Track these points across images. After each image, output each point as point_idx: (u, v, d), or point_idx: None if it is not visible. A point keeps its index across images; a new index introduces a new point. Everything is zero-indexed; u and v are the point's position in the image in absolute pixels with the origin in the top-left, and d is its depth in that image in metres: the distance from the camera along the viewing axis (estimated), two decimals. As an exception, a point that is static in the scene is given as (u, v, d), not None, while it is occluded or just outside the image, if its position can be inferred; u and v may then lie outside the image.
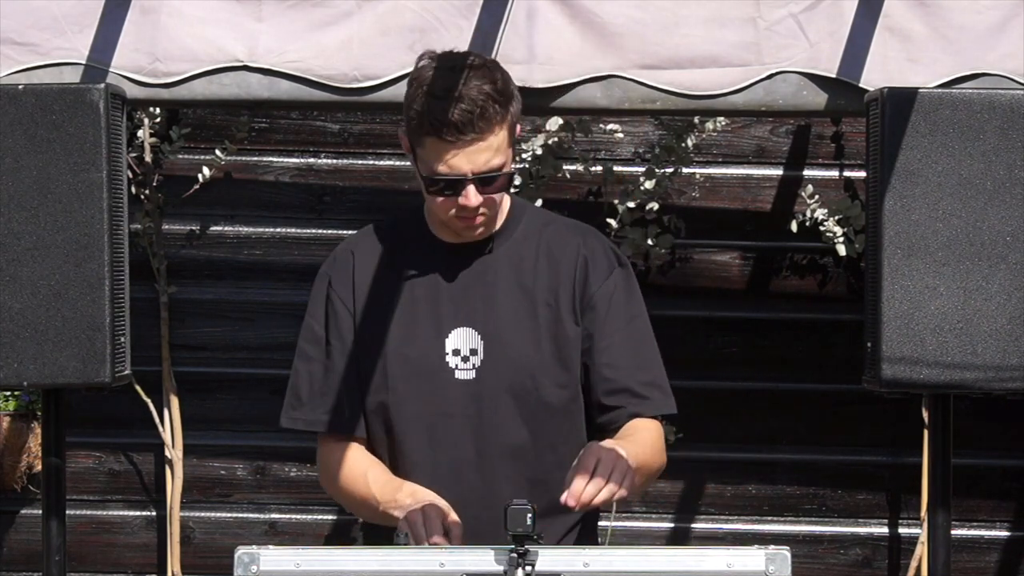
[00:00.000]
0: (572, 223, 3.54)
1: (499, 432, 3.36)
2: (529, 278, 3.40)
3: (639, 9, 4.19)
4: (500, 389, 3.36)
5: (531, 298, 3.39)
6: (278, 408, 5.43)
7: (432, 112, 3.24)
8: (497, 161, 3.29)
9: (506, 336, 3.37)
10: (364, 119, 5.44)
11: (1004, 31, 4.16)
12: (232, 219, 5.46)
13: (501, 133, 3.28)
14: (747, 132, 5.43)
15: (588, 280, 3.41)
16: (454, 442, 3.36)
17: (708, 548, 3.04)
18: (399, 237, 3.48)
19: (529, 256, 3.42)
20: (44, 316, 3.66)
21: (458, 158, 3.27)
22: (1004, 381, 3.66)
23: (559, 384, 3.39)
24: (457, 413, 3.36)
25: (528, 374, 3.37)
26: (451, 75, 3.27)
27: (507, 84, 3.32)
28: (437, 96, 3.25)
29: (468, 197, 3.29)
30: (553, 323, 3.39)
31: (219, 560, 5.40)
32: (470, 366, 3.37)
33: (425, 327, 3.38)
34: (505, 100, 3.29)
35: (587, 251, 3.43)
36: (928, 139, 3.66)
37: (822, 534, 5.46)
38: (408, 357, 3.38)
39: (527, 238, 3.44)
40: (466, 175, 3.28)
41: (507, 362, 3.36)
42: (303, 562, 2.94)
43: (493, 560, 2.92)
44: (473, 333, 3.38)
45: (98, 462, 5.50)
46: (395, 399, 3.38)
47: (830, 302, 5.42)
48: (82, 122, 3.67)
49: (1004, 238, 3.65)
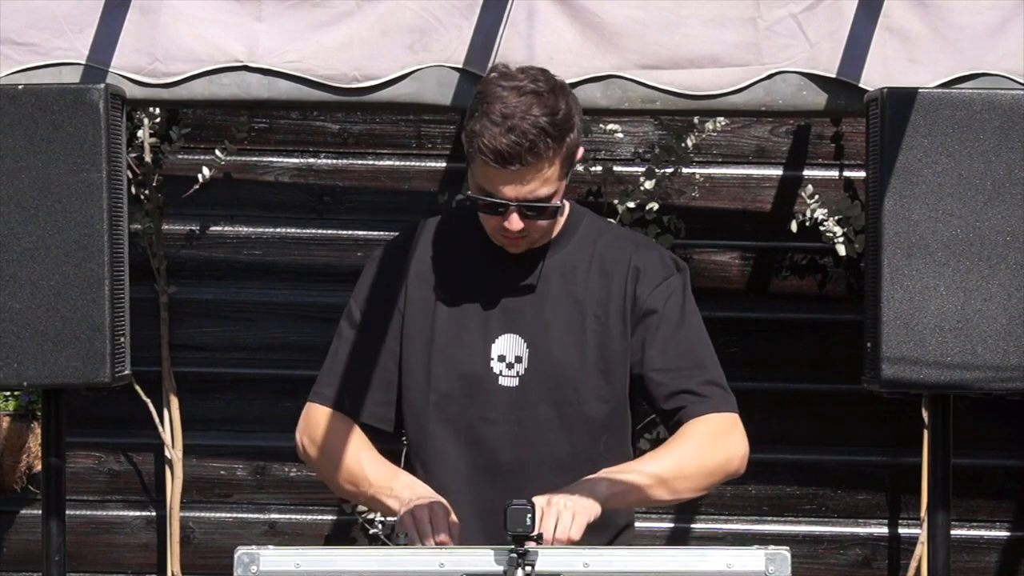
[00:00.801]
0: (627, 233, 3.53)
1: (538, 441, 3.36)
2: (580, 289, 3.39)
3: (639, 9, 4.19)
4: (542, 398, 3.36)
5: (580, 309, 3.38)
6: (278, 408, 5.47)
7: (483, 136, 3.23)
8: (544, 191, 3.26)
9: (552, 346, 3.36)
10: (364, 119, 5.44)
11: (1004, 31, 4.16)
12: (232, 219, 5.46)
13: (553, 165, 3.25)
14: (747, 132, 5.43)
15: (638, 291, 3.39)
16: (492, 448, 3.35)
17: (708, 548, 3.04)
18: (458, 235, 3.45)
19: (582, 267, 3.40)
20: (44, 316, 3.66)
21: (504, 185, 3.25)
22: (1004, 381, 3.66)
23: (601, 398, 3.38)
24: (498, 419, 3.36)
25: (571, 386, 3.36)
26: (513, 98, 3.23)
27: (568, 116, 3.27)
28: (493, 120, 3.22)
29: (511, 222, 3.27)
30: (601, 336, 3.37)
31: (219, 560, 5.40)
32: (514, 373, 3.36)
33: (473, 330, 3.37)
34: (560, 134, 3.24)
35: (639, 262, 3.41)
36: (928, 139, 3.66)
37: (822, 534, 5.46)
38: (454, 359, 3.37)
39: (581, 248, 3.42)
40: (510, 201, 3.26)
41: (551, 372, 3.36)
42: (303, 562, 2.94)
43: (493, 560, 2.92)
44: (519, 340, 3.37)
45: (98, 462, 5.50)
46: (437, 399, 3.38)
47: (830, 302, 5.42)
48: (82, 122, 3.67)
49: (1004, 238, 3.65)
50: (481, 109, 3.26)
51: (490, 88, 3.27)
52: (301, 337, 5.44)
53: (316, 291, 5.44)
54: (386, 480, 3.33)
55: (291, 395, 5.45)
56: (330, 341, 5.42)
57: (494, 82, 3.28)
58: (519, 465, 3.34)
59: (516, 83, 3.26)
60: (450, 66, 4.23)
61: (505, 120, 3.21)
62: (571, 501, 3.13)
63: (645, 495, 3.28)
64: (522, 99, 3.23)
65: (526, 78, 3.27)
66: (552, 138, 3.23)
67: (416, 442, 3.41)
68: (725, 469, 3.38)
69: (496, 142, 3.21)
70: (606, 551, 2.97)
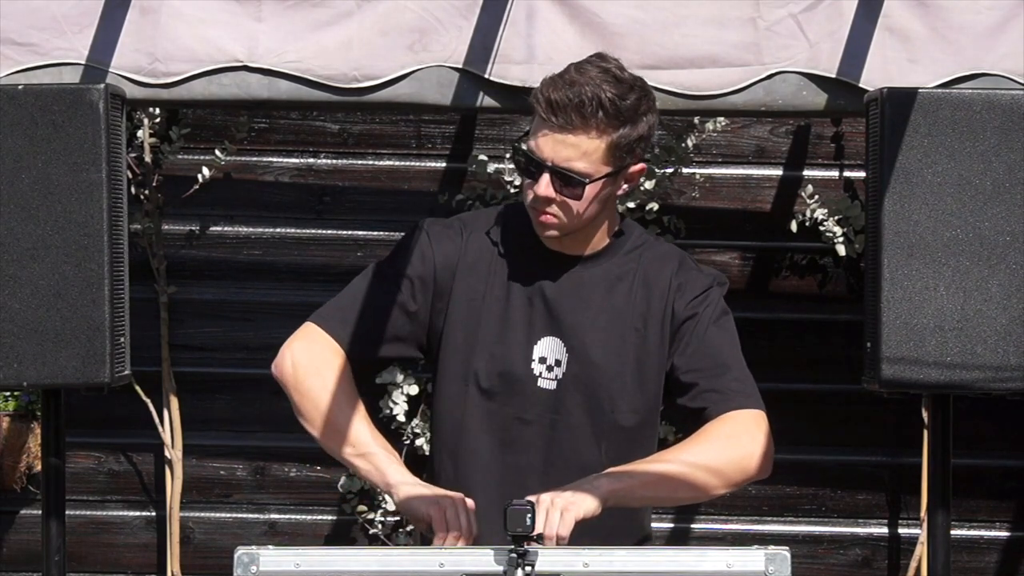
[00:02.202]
0: (670, 249, 3.50)
1: (569, 446, 3.35)
2: (622, 300, 3.38)
3: (639, 9, 4.19)
4: (576, 404, 3.35)
5: (621, 320, 3.37)
6: (278, 408, 5.46)
7: (544, 86, 3.24)
8: (580, 165, 3.24)
9: (591, 353, 3.36)
10: (364, 119, 5.44)
11: (1004, 31, 4.16)
12: (232, 219, 5.46)
13: (597, 142, 3.24)
14: (747, 132, 5.43)
15: (676, 306, 3.39)
16: (525, 448, 3.34)
17: (708, 548, 3.04)
18: (506, 232, 3.43)
19: (626, 278, 3.40)
20: (44, 316, 3.66)
21: (545, 139, 3.24)
22: (1004, 381, 3.66)
23: (633, 408, 3.37)
24: (534, 420, 3.35)
25: (607, 394, 3.35)
26: (593, 70, 3.24)
27: (634, 110, 3.25)
28: (563, 76, 3.24)
29: (540, 184, 3.26)
30: (639, 348, 3.37)
31: (219, 560, 5.40)
32: (553, 376, 3.36)
33: (517, 329, 3.36)
34: (617, 116, 3.23)
35: (681, 279, 3.41)
36: (928, 139, 3.66)
37: (822, 534, 5.46)
38: (495, 356, 3.36)
39: (628, 261, 3.41)
40: (545, 160, 3.25)
41: (588, 379, 3.35)
42: (303, 562, 2.94)
43: (493, 560, 2.92)
44: (560, 344, 3.36)
45: (98, 462, 5.50)
46: (476, 393, 3.37)
47: (830, 302, 5.42)
48: (82, 122, 3.67)
49: (1004, 238, 3.65)
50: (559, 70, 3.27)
51: (581, 62, 3.29)
52: (301, 337, 5.43)
53: (316, 291, 5.44)
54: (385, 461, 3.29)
55: (291, 395, 5.45)
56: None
57: (588, 59, 3.30)
58: (549, 468, 3.34)
59: (606, 64, 3.27)
60: (450, 66, 4.23)
61: (571, 78, 3.23)
62: (563, 498, 3.12)
63: (651, 493, 3.26)
64: (599, 74, 3.24)
65: (616, 67, 3.29)
66: (606, 114, 3.21)
67: (448, 432, 3.40)
68: (741, 467, 3.31)
69: (552, 92, 3.21)
70: (606, 551, 2.96)
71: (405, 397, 5.35)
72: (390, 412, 5.35)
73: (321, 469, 5.46)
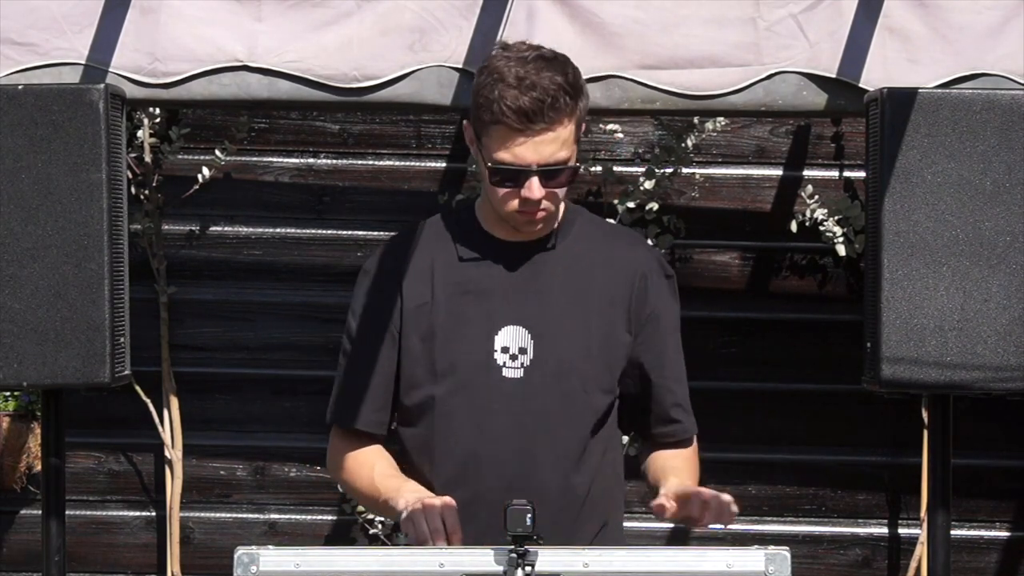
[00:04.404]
0: (626, 231, 3.56)
1: (544, 432, 3.35)
2: (584, 281, 3.39)
3: (639, 9, 4.19)
4: (548, 390, 3.36)
5: (585, 302, 3.38)
6: (278, 408, 5.47)
7: (503, 99, 3.22)
8: (563, 154, 3.27)
9: (557, 338, 3.36)
10: (364, 119, 5.44)
11: (1004, 31, 4.16)
12: (232, 219, 5.46)
13: (569, 126, 3.27)
14: (747, 132, 5.43)
15: (648, 294, 3.41)
16: (497, 438, 3.34)
17: (708, 548, 3.04)
18: (451, 232, 3.44)
19: (585, 259, 3.41)
20: (44, 316, 3.67)
21: (525, 147, 3.25)
22: (1004, 381, 3.67)
23: (604, 389, 3.39)
24: (502, 411, 3.35)
25: (576, 377, 3.36)
26: (523, 65, 3.26)
27: (577, 78, 3.30)
28: (509, 84, 3.23)
29: (531, 189, 3.27)
30: (605, 329, 3.38)
31: (219, 560, 5.40)
32: (518, 365, 3.36)
33: (475, 323, 3.37)
34: (576, 93, 3.27)
35: (645, 265, 3.44)
36: (928, 139, 3.66)
37: (822, 534, 5.46)
38: (456, 352, 3.36)
39: (583, 241, 3.43)
40: (531, 166, 3.26)
41: (556, 364, 3.36)
42: (303, 562, 2.94)
43: (493, 560, 2.92)
44: (524, 332, 3.36)
45: (98, 462, 5.50)
46: (442, 393, 3.37)
47: (830, 302, 5.42)
48: (82, 122, 3.67)
49: (1004, 238, 3.66)
50: (492, 79, 3.26)
51: (495, 62, 3.29)
52: (301, 337, 5.44)
53: (316, 291, 5.45)
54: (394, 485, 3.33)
55: (291, 395, 5.46)
56: (329, 341, 5.45)
57: (498, 56, 3.30)
58: (525, 455, 3.34)
59: (520, 53, 3.29)
60: (450, 66, 4.23)
61: (521, 81, 3.23)
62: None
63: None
64: (531, 64, 3.26)
65: (529, 49, 3.30)
66: (569, 95, 3.25)
67: (421, 437, 3.41)
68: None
69: (519, 101, 3.21)
70: (606, 551, 2.96)
71: (405, 397, 5.35)
72: (390, 412, 5.34)
73: (321, 469, 5.46)
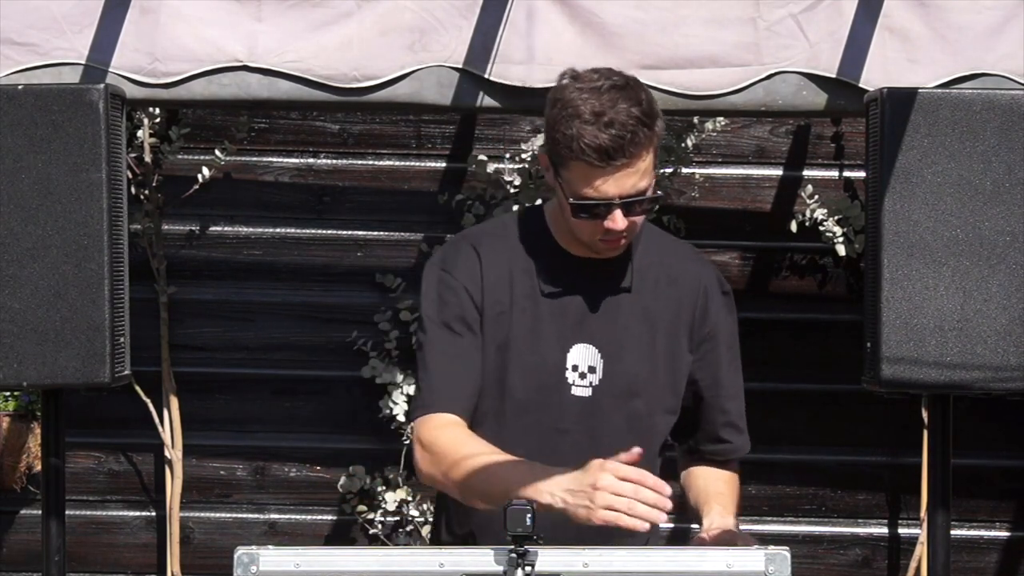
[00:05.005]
0: (686, 246, 3.54)
1: (608, 451, 3.31)
2: (650, 300, 3.39)
3: (639, 9, 4.19)
4: (614, 409, 3.36)
5: (652, 322, 3.39)
6: (278, 408, 5.47)
7: (581, 137, 3.18)
8: (644, 184, 3.24)
9: (626, 358, 3.36)
10: (364, 119, 5.44)
11: (1003, 31, 4.16)
12: (232, 219, 5.46)
13: (648, 156, 3.24)
14: (747, 132, 5.43)
15: (708, 311, 3.43)
16: (564, 457, 3.30)
17: (708, 548, 3.04)
18: (522, 242, 3.41)
19: (651, 278, 3.40)
20: (44, 316, 3.66)
21: (607, 183, 3.22)
22: (1004, 381, 3.66)
23: (668, 410, 3.41)
24: (570, 428, 3.35)
25: (643, 398, 3.37)
26: (598, 96, 3.20)
27: (651, 104, 3.25)
28: (586, 121, 3.18)
29: (615, 221, 3.24)
30: (670, 349, 3.39)
31: (219, 560, 5.40)
32: (587, 383, 3.36)
33: (549, 338, 3.35)
34: (651, 121, 3.22)
35: (707, 281, 3.45)
36: (928, 139, 3.66)
37: (822, 534, 5.46)
38: (529, 366, 3.35)
39: (650, 256, 3.42)
40: (613, 199, 3.23)
41: (624, 384, 3.36)
42: (303, 562, 2.94)
43: (493, 560, 2.92)
44: (594, 350, 3.36)
45: (98, 462, 5.50)
46: (512, 406, 3.36)
47: (830, 302, 5.42)
48: (82, 122, 3.67)
49: (1004, 238, 3.65)
50: (567, 114, 3.21)
51: (567, 94, 3.23)
52: (301, 337, 5.44)
53: (316, 291, 5.45)
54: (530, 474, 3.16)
55: (291, 395, 5.46)
56: (330, 341, 5.45)
57: (569, 87, 3.24)
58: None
59: (593, 84, 3.23)
60: (450, 66, 4.23)
61: (599, 117, 3.18)
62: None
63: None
64: (605, 96, 3.20)
65: (600, 77, 3.25)
66: (647, 126, 3.21)
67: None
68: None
69: (598, 139, 3.17)
70: (606, 551, 2.96)
71: (405, 397, 5.35)
72: (390, 412, 5.35)
73: (321, 469, 5.46)
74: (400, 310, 5.40)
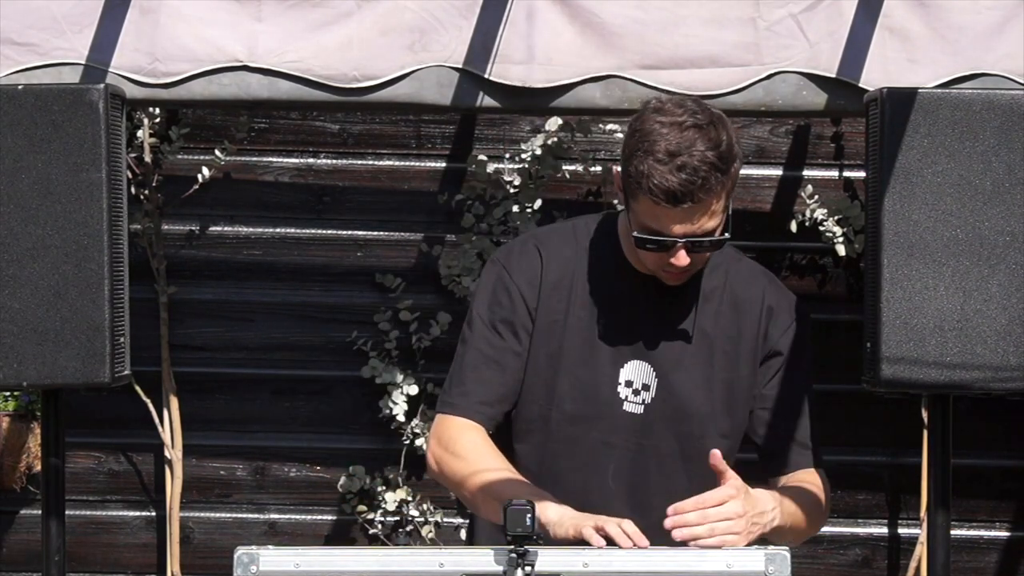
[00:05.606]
0: (755, 267, 3.48)
1: (657, 471, 3.33)
2: (710, 321, 3.36)
3: (639, 9, 4.19)
4: (665, 429, 3.33)
5: (710, 342, 3.35)
6: (278, 408, 5.47)
7: (651, 177, 3.13)
8: (711, 224, 3.19)
9: (680, 377, 3.33)
10: (364, 119, 5.44)
11: (1003, 31, 4.16)
12: (232, 219, 5.46)
13: (721, 197, 3.19)
14: (747, 132, 5.43)
15: (770, 331, 3.38)
16: (610, 472, 3.32)
17: (708, 548, 3.03)
18: (591, 249, 3.38)
19: (713, 299, 3.37)
20: (44, 316, 3.66)
21: (673, 222, 3.18)
22: (1004, 381, 3.66)
23: (722, 433, 3.36)
24: (619, 444, 3.32)
25: (696, 420, 3.34)
26: (678, 133, 3.14)
27: (731, 146, 3.19)
28: (660, 159, 3.13)
29: (678, 258, 3.20)
30: (728, 371, 3.36)
31: (219, 560, 5.40)
32: (639, 400, 3.33)
33: (603, 351, 3.32)
34: (727, 166, 3.17)
35: (772, 300, 3.40)
36: (928, 139, 3.65)
37: (822, 534, 5.45)
38: (580, 378, 3.32)
39: (712, 277, 3.37)
40: (678, 239, 3.19)
41: (677, 404, 3.33)
42: (303, 562, 2.94)
43: (493, 560, 2.92)
44: (649, 368, 3.33)
45: (98, 462, 5.50)
46: (560, 416, 3.33)
47: (830, 302, 5.42)
48: (82, 122, 3.67)
49: (1004, 238, 3.65)
50: (643, 148, 3.15)
51: (648, 126, 3.18)
52: (301, 337, 5.44)
53: (316, 291, 5.45)
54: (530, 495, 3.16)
55: (291, 395, 5.46)
56: (330, 341, 5.45)
57: (651, 119, 3.19)
58: (635, 492, 3.31)
59: (675, 118, 3.17)
60: (450, 66, 4.23)
61: (672, 158, 3.12)
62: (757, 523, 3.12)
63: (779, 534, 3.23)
64: (685, 134, 3.14)
65: (684, 112, 3.18)
66: (721, 172, 3.15)
67: (528, 455, 3.36)
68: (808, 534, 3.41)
69: (667, 182, 3.12)
70: (606, 551, 2.96)
71: (405, 397, 5.35)
72: (390, 412, 5.35)
73: (321, 469, 5.46)
74: (400, 310, 5.40)
